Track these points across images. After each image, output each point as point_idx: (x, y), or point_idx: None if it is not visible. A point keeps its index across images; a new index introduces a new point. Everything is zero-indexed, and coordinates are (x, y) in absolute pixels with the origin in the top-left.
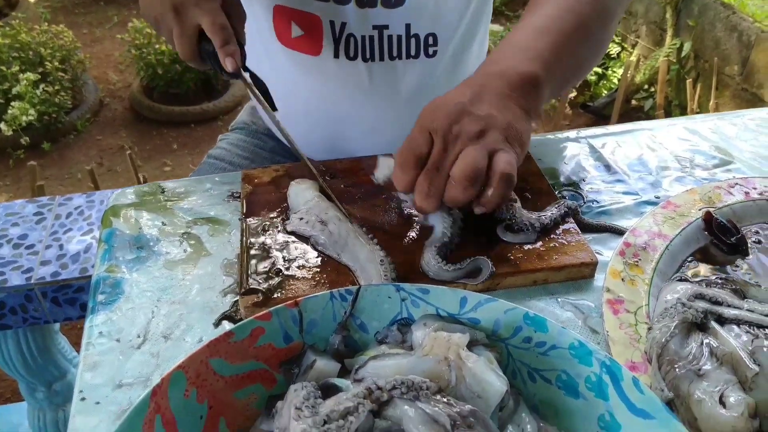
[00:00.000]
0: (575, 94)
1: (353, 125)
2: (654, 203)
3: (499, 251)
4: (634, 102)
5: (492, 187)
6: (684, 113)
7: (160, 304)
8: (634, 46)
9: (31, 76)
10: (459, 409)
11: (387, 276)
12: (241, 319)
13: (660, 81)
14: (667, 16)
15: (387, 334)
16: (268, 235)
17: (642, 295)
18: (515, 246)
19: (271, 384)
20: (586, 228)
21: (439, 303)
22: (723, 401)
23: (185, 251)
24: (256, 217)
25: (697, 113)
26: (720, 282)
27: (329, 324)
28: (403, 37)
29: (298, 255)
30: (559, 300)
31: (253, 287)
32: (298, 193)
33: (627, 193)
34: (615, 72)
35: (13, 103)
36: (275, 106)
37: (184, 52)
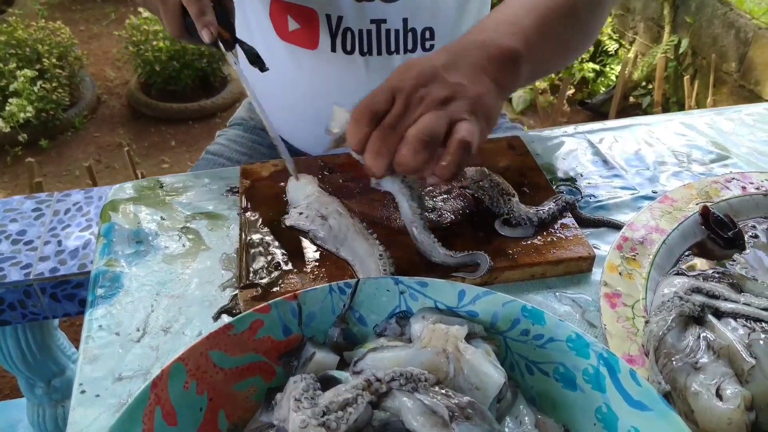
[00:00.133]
0: (573, 91)
1: None
2: (651, 198)
3: (497, 245)
4: (632, 99)
5: (449, 154)
6: (682, 110)
7: (159, 298)
8: (631, 42)
9: (29, 72)
10: (457, 401)
11: (386, 270)
12: (240, 313)
13: (658, 78)
14: (665, 12)
15: (386, 326)
16: (266, 230)
17: (639, 289)
18: (513, 240)
19: (271, 376)
20: (583, 222)
21: (438, 296)
22: (719, 394)
23: (184, 246)
24: (254, 212)
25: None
26: (717, 276)
27: (328, 317)
28: (401, 32)
29: (296, 249)
30: (557, 294)
31: (252, 281)
32: (297, 188)
33: (624, 188)
34: (613, 69)
35: (11, 100)
36: (265, 66)
37: (171, 28)
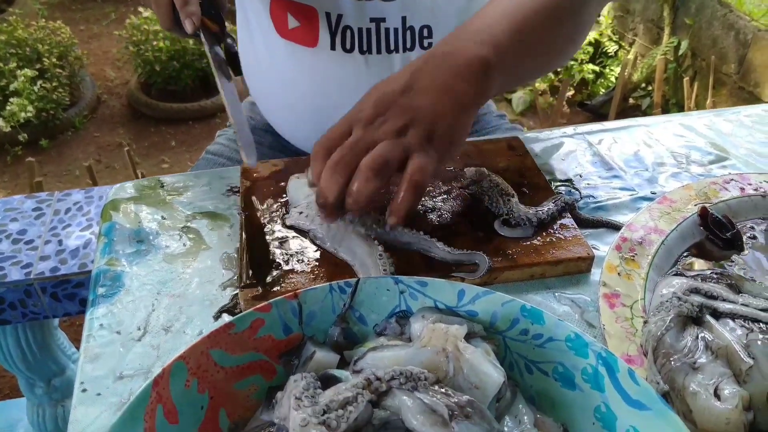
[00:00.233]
0: (572, 92)
1: None
2: (650, 199)
3: (497, 245)
4: (631, 100)
5: (400, 191)
6: (681, 111)
7: (160, 297)
8: (631, 44)
9: (29, 72)
10: (457, 400)
11: (385, 270)
12: (241, 312)
13: (657, 79)
14: (665, 14)
15: (386, 326)
16: (267, 230)
17: (638, 290)
18: (512, 240)
19: (271, 375)
20: (582, 223)
21: (437, 296)
22: (718, 394)
23: (185, 245)
24: (255, 212)
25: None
26: (715, 277)
27: (328, 316)
28: (400, 30)
29: (297, 249)
30: (556, 294)
31: (253, 281)
32: (297, 188)
33: (623, 189)
34: (612, 70)
35: (12, 100)
36: (240, 70)
37: (162, 20)
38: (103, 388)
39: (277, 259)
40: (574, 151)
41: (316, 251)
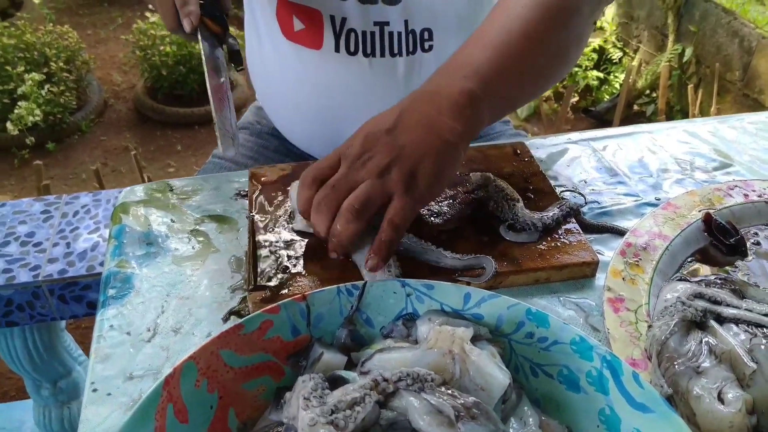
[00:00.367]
0: (577, 98)
1: (354, 120)
2: (654, 205)
3: (502, 250)
4: (635, 107)
5: (380, 233)
6: (685, 118)
7: (169, 299)
8: (635, 51)
9: (36, 76)
10: (463, 401)
11: (392, 273)
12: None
13: (662, 86)
14: (669, 21)
15: (392, 328)
16: (275, 233)
17: (642, 294)
18: (518, 245)
19: (280, 376)
20: (587, 228)
21: (444, 299)
22: (721, 398)
23: (194, 248)
24: (263, 215)
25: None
26: (719, 282)
27: (336, 318)
28: (403, 34)
29: (304, 252)
30: (561, 298)
31: (261, 284)
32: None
33: (628, 195)
34: (617, 77)
35: (20, 103)
36: (242, 64)
37: (166, 21)
38: (114, 388)
39: (285, 263)
40: (578, 157)
41: (323, 254)
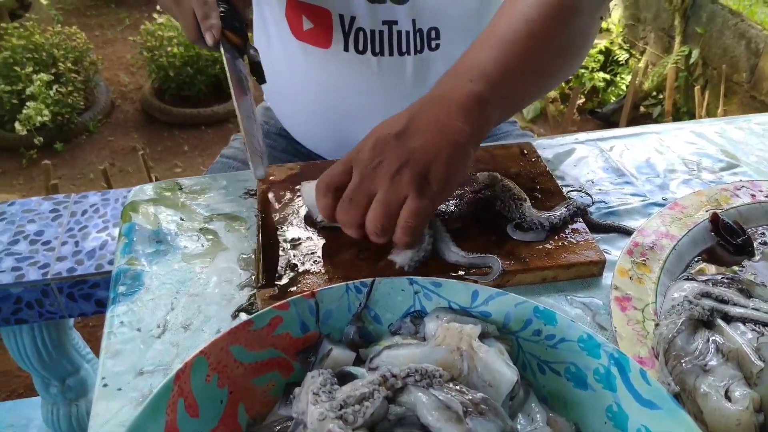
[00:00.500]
0: (583, 100)
1: (361, 119)
2: (661, 205)
3: (509, 249)
4: (642, 109)
5: (396, 236)
6: (692, 120)
7: (179, 296)
8: (642, 53)
9: (45, 76)
10: (471, 397)
11: (421, 251)
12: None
13: (668, 88)
14: (676, 23)
15: (400, 325)
16: (283, 231)
17: (649, 293)
18: (525, 244)
19: (289, 372)
20: (594, 228)
21: (451, 296)
22: (728, 395)
23: (203, 246)
24: (271, 214)
25: None
26: (726, 281)
27: (344, 315)
28: (411, 33)
29: (312, 251)
30: (568, 297)
31: (270, 281)
32: (310, 192)
33: (635, 195)
34: (623, 79)
35: (28, 104)
36: (264, 79)
37: (188, 33)
38: (124, 383)
39: (293, 260)
40: (585, 157)
41: (330, 252)
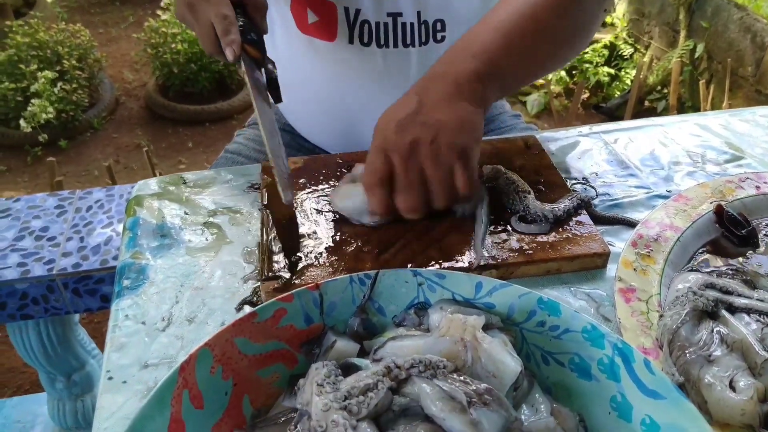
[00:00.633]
0: (587, 95)
1: (367, 112)
2: (666, 197)
3: (513, 241)
4: (647, 103)
5: (462, 199)
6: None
7: (183, 289)
8: (647, 47)
9: (49, 74)
10: (475, 387)
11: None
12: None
13: (673, 82)
14: (680, 17)
15: (404, 317)
16: (287, 225)
17: (653, 285)
18: (529, 236)
19: (293, 364)
20: (598, 220)
21: (455, 288)
22: (733, 386)
23: (207, 239)
24: (275, 207)
25: None
26: (730, 272)
27: (348, 307)
28: (415, 25)
29: (316, 243)
30: (572, 289)
31: (274, 274)
32: (346, 197)
33: (639, 187)
34: (628, 73)
35: (33, 101)
36: (280, 97)
37: (205, 46)
38: (129, 376)
39: (297, 253)
40: (590, 150)
41: (334, 245)
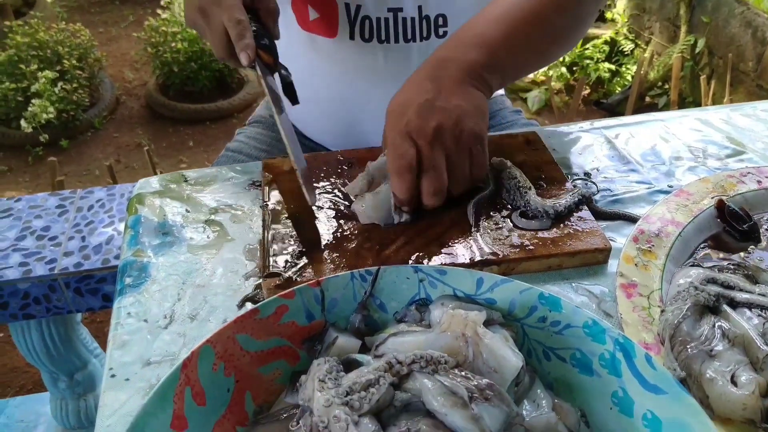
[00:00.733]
0: (588, 91)
1: (368, 108)
2: (667, 192)
3: (514, 237)
4: (648, 99)
5: (475, 181)
6: None
7: (185, 287)
8: (647, 42)
9: (50, 74)
10: (476, 383)
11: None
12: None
13: (674, 77)
14: (681, 12)
15: (405, 313)
16: (288, 222)
17: (655, 280)
18: (530, 232)
19: (295, 360)
20: (599, 215)
21: (456, 284)
22: (734, 380)
23: (208, 237)
24: (276, 205)
25: None
26: (732, 267)
27: (350, 303)
28: (416, 20)
29: (317, 240)
30: (573, 285)
31: (275, 271)
32: (371, 205)
33: (640, 183)
34: (629, 69)
35: (33, 101)
36: (297, 100)
37: (216, 51)
38: (132, 373)
39: (299, 250)
40: (591, 146)
41: (335, 242)
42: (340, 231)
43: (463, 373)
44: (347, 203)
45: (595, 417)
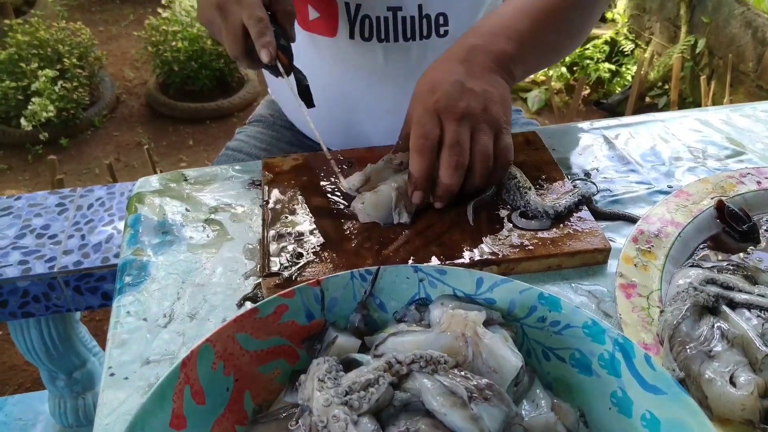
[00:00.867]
0: (588, 91)
1: (368, 108)
2: (666, 192)
3: (514, 237)
4: (648, 99)
5: (497, 170)
6: None
7: (184, 285)
8: (647, 43)
9: (50, 72)
10: (476, 382)
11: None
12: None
13: (674, 78)
14: (681, 12)
15: (405, 313)
16: (288, 221)
17: (654, 280)
18: (530, 232)
19: (294, 360)
20: (599, 216)
21: (456, 283)
22: (733, 381)
23: (208, 236)
24: (276, 204)
25: None
26: (731, 268)
27: (350, 303)
28: (416, 18)
29: (317, 240)
30: (573, 285)
31: (275, 270)
32: (378, 205)
33: (640, 183)
34: (629, 69)
35: (34, 100)
36: (313, 103)
37: (231, 49)
38: (131, 372)
39: (299, 249)
40: (591, 146)
41: (335, 242)
42: (339, 230)
43: (463, 373)
44: (347, 203)
45: (594, 417)
